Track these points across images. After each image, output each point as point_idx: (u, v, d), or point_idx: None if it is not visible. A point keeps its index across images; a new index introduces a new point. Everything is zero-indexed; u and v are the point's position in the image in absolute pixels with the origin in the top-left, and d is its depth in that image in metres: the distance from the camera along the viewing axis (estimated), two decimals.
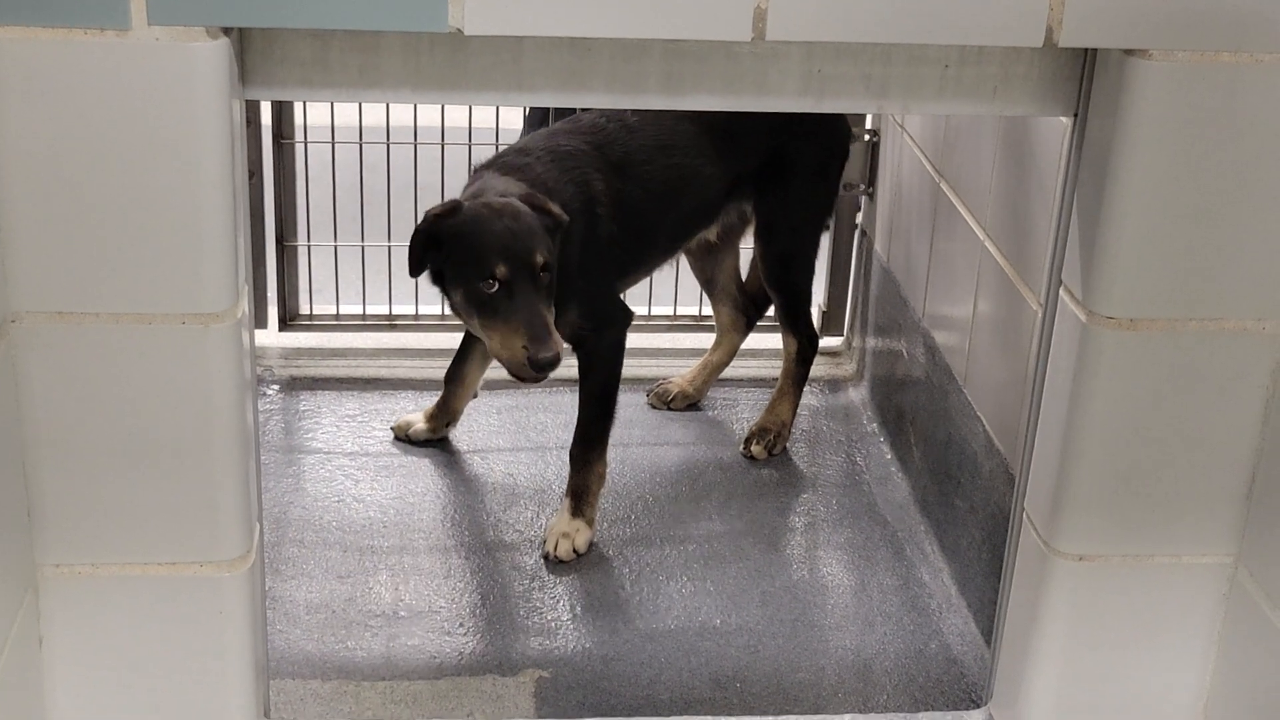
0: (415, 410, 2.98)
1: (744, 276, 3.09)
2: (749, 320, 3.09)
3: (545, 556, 2.58)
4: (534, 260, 2.35)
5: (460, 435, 2.95)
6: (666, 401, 3.10)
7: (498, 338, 2.38)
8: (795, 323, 2.94)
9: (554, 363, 2.31)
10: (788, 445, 2.97)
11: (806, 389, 3.13)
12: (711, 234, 2.88)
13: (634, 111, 2.65)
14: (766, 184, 2.81)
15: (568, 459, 2.64)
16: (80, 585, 1.83)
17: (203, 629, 1.87)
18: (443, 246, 2.41)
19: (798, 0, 1.63)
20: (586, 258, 2.55)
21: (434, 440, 2.93)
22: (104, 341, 1.71)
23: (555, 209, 2.43)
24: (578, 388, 2.66)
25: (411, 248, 2.42)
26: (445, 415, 2.92)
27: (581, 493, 2.63)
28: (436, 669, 2.30)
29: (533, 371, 2.33)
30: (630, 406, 3.02)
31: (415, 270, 2.44)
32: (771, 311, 3.03)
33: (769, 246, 2.87)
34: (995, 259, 2.36)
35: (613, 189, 2.59)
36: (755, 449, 2.94)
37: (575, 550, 2.59)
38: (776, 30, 1.65)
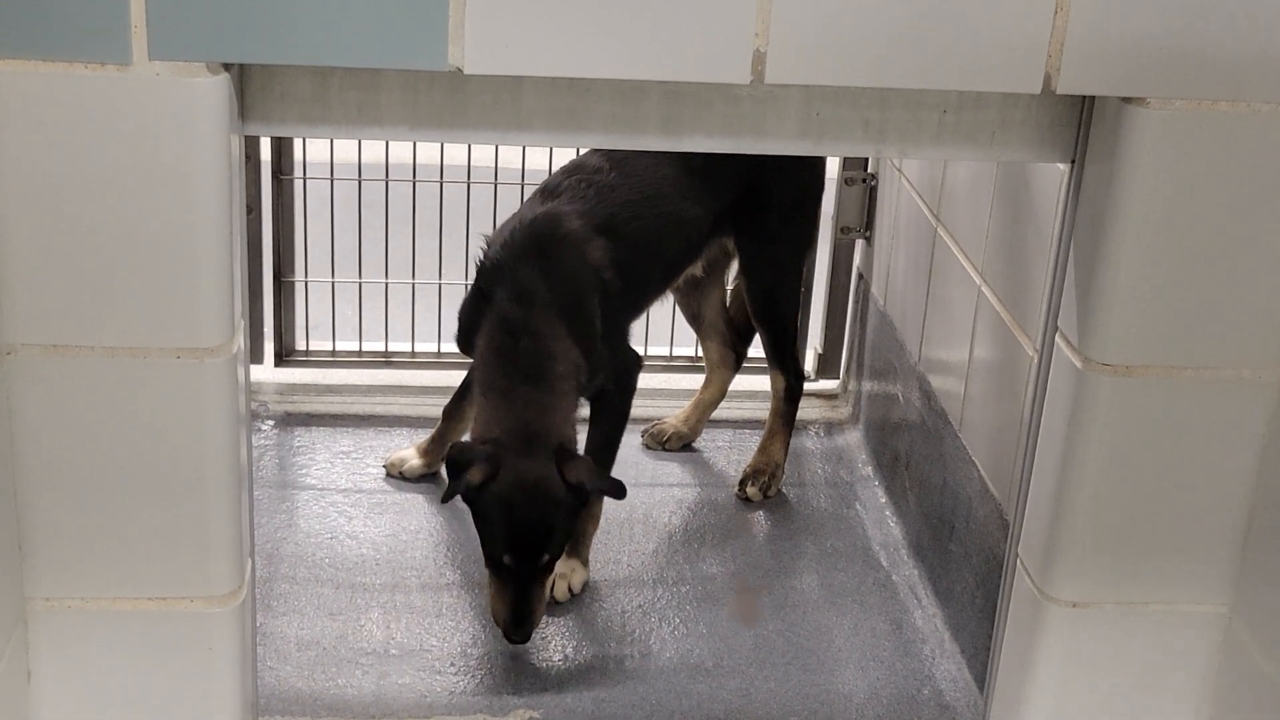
0: (407, 446, 2.97)
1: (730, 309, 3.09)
2: (738, 356, 3.09)
3: None
4: (539, 558, 2.40)
5: None
6: (661, 442, 3.10)
7: (491, 597, 2.45)
8: (782, 359, 2.94)
9: (526, 641, 2.41)
10: (782, 488, 2.97)
11: (802, 432, 3.13)
12: (697, 269, 2.89)
13: (611, 166, 2.64)
14: (744, 220, 2.81)
15: None
16: (70, 619, 1.82)
17: (192, 664, 1.86)
18: (473, 504, 2.42)
19: (796, 44, 1.64)
20: (606, 324, 2.56)
21: (428, 475, 2.92)
22: (98, 374, 1.71)
23: (584, 477, 2.43)
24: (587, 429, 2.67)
25: (451, 490, 2.42)
26: (441, 449, 2.92)
27: (578, 534, 2.62)
28: (427, 708, 2.29)
29: (508, 640, 2.42)
30: (625, 447, 3.01)
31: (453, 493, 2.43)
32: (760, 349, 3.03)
33: (752, 282, 2.88)
34: (991, 304, 2.36)
35: (608, 251, 2.59)
36: (750, 491, 2.93)
37: (571, 590, 2.58)
38: (775, 74, 1.65)
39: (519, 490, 2.38)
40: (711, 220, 2.78)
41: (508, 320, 2.48)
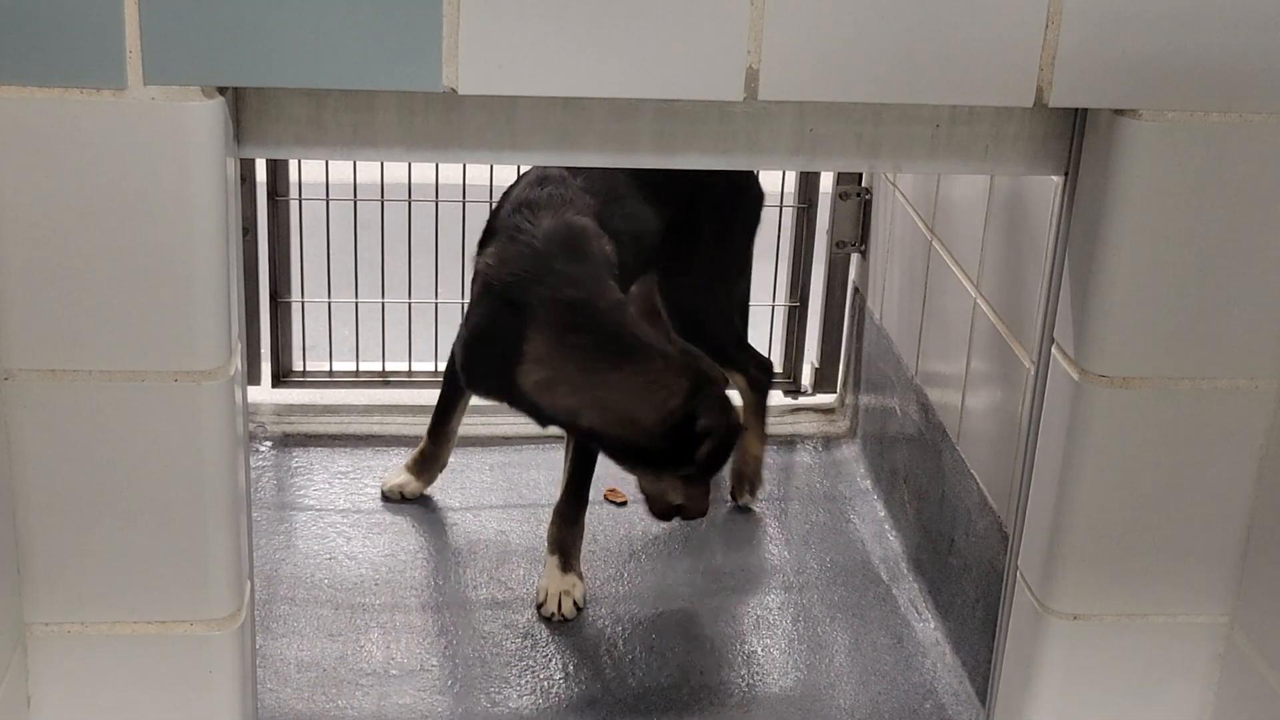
0: (398, 471, 2.94)
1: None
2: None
3: (549, 618, 2.56)
4: None
5: (452, 492, 2.94)
6: None
7: (689, 494, 2.52)
8: (732, 359, 2.90)
9: None
10: (782, 503, 2.97)
11: (799, 446, 3.13)
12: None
13: (572, 173, 2.58)
14: (669, 237, 2.75)
15: (553, 515, 2.65)
16: (69, 644, 1.82)
17: (192, 688, 1.85)
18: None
19: (789, 60, 1.64)
20: None
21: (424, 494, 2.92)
22: (96, 399, 1.71)
23: None
24: (568, 444, 2.67)
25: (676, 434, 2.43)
26: (433, 466, 2.91)
27: (569, 548, 2.63)
28: None
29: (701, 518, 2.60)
30: None
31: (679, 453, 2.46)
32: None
33: (670, 302, 2.83)
34: (988, 316, 2.36)
35: (614, 249, 2.58)
36: (744, 499, 2.93)
37: (576, 605, 2.58)
38: (768, 90, 1.66)
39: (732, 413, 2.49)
40: (664, 228, 2.72)
41: (573, 305, 2.42)
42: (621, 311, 2.46)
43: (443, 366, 3.16)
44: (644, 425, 2.41)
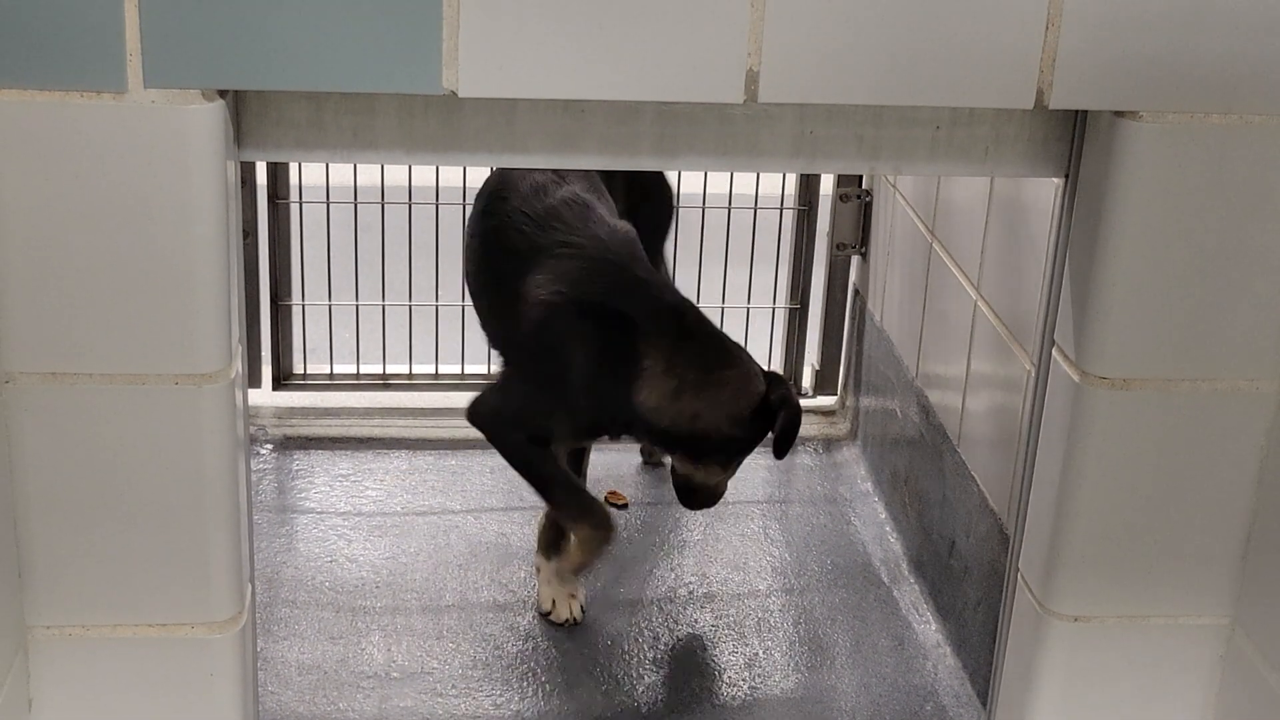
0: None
1: None
2: None
3: (560, 623, 2.55)
4: None
5: (453, 495, 2.94)
6: (661, 459, 3.10)
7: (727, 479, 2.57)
8: None
9: None
10: (783, 505, 2.97)
11: (800, 448, 3.13)
12: None
13: (557, 176, 2.52)
14: None
15: (547, 520, 2.64)
16: (71, 647, 1.82)
17: (193, 691, 1.85)
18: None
19: (789, 63, 1.64)
20: None
21: (432, 502, 2.92)
22: (97, 402, 1.71)
23: None
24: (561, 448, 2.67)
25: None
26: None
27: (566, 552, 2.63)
28: None
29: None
30: (624, 466, 3.02)
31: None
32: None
33: None
34: (988, 318, 2.36)
35: None
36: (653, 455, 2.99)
37: (582, 609, 2.58)
38: (768, 93, 1.66)
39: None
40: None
41: (672, 310, 2.41)
42: (699, 309, 2.47)
43: (444, 368, 3.14)
44: (742, 418, 2.41)
